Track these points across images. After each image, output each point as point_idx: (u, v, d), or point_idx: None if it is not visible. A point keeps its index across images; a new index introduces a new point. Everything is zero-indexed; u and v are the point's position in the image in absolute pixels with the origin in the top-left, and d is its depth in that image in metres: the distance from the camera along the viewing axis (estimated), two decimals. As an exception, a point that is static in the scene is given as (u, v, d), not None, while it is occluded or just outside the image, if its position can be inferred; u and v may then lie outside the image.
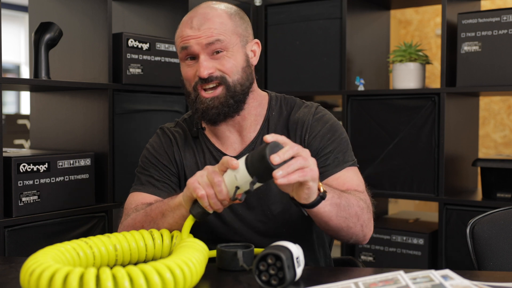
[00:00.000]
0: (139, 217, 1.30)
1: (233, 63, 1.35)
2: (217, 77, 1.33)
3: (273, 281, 1.00)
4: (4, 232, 1.69)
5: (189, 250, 1.03)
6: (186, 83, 1.39)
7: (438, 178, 2.29)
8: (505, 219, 1.43)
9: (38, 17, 2.13)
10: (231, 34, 1.35)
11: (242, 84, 1.36)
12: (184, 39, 1.34)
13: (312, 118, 1.41)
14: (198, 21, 1.34)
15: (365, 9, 2.66)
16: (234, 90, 1.35)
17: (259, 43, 1.44)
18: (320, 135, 1.39)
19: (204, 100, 1.34)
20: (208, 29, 1.32)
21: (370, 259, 2.49)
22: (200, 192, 1.11)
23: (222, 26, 1.34)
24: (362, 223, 1.28)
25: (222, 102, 1.34)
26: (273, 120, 1.43)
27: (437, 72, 4.14)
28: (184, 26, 1.36)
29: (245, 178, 1.09)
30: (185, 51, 1.34)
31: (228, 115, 1.36)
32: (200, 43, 1.32)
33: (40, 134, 2.17)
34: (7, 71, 7.11)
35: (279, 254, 1.00)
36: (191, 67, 1.35)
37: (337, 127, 1.42)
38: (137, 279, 0.88)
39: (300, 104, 1.46)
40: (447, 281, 0.93)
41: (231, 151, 1.41)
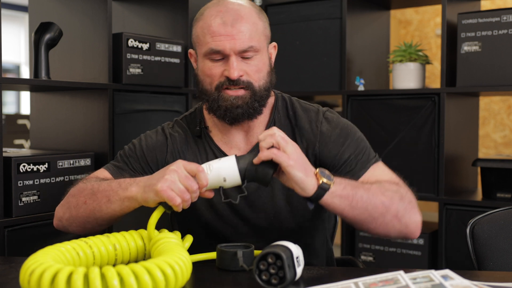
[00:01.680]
0: (85, 192, 1.26)
1: (261, 68, 1.32)
2: (243, 82, 1.29)
3: (274, 280, 1.00)
4: (4, 232, 1.68)
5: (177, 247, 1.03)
6: (205, 80, 1.32)
7: (438, 178, 2.29)
8: (505, 219, 1.43)
9: (38, 17, 2.13)
10: (261, 36, 1.32)
11: (266, 89, 1.33)
12: (216, 39, 1.27)
13: (320, 125, 1.36)
14: (230, 18, 1.28)
15: (365, 9, 2.66)
16: (260, 95, 1.32)
17: (276, 46, 1.41)
18: (332, 141, 1.34)
19: (227, 97, 1.29)
20: (242, 32, 1.27)
21: (370, 259, 2.49)
22: (177, 201, 1.09)
23: (255, 28, 1.30)
24: (396, 213, 1.21)
25: (247, 103, 1.30)
26: (279, 121, 1.40)
27: (437, 72, 4.14)
28: (214, 20, 1.28)
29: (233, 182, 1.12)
30: (214, 53, 1.28)
31: (252, 117, 1.33)
32: (234, 46, 1.27)
33: (40, 134, 2.17)
34: (7, 71, 7.11)
35: (280, 253, 1.00)
36: (217, 65, 1.30)
37: (348, 128, 1.38)
38: (141, 275, 0.89)
39: (305, 108, 1.42)
40: (447, 281, 0.93)
41: (235, 151, 1.38)
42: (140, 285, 0.89)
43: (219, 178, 1.14)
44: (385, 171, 1.35)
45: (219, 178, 1.14)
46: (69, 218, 1.29)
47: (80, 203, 1.26)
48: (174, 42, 2.19)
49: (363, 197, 1.18)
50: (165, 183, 1.10)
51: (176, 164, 1.13)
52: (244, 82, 1.29)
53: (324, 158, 1.35)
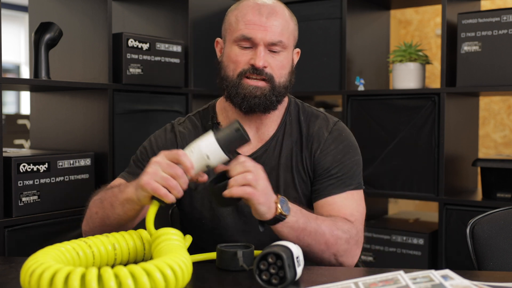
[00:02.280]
0: (96, 202, 1.31)
1: (285, 64, 1.36)
2: (266, 74, 1.33)
3: (274, 280, 1.00)
4: (4, 232, 1.69)
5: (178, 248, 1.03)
6: (229, 66, 1.36)
7: (438, 178, 2.29)
8: (505, 219, 1.43)
9: (38, 17, 2.13)
10: (290, 35, 1.37)
11: (285, 87, 1.38)
12: (249, 27, 1.32)
13: (328, 135, 1.40)
14: (266, 10, 1.34)
15: (365, 9, 2.66)
16: (279, 91, 1.36)
17: (299, 52, 1.46)
18: (332, 154, 1.38)
19: (247, 86, 1.33)
20: (275, 26, 1.33)
21: (370, 259, 2.49)
22: (161, 191, 1.10)
23: (286, 26, 1.36)
24: (335, 252, 1.26)
25: (265, 94, 1.34)
26: (290, 124, 1.43)
27: (437, 72, 4.14)
28: (251, 11, 1.34)
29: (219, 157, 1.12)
30: (245, 40, 1.33)
31: (267, 109, 1.36)
32: (264, 38, 1.32)
33: (40, 134, 2.17)
34: (7, 71, 7.11)
35: (280, 253, 1.00)
36: (244, 53, 1.34)
37: (351, 148, 1.41)
38: (140, 277, 0.88)
39: (316, 114, 1.45)
40: (447, 281, 0.93)
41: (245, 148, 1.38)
42: (138, 286, 0.89)
43: (203, 157, 1.13)
44: (354, 203, 1.37)
45: (202, 157, 1.13)
46: (89, 230, 1.33)
47: (93, 214, 1.31)
48: (174, 42, 2.19)
49: (311, 233, 1.22)
50: (147, 176, 1.11)
51: (158, 155, 1.14)
52: (267, 74, 1.33)
53: (318, 166, 1.38)
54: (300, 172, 1.38)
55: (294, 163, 1.39)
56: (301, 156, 1.39)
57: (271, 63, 1.34)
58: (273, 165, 1.39)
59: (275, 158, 1.39)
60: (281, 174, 1.38)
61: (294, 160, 1.39)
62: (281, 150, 1.40)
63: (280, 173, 1.38)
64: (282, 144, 1.41)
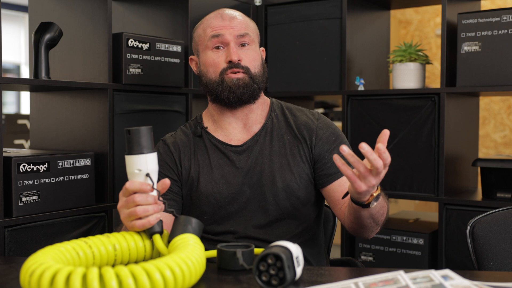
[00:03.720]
0: None
1: (255, 57, 1.51)
2: (242, 66, 1.48)
3: (274, 281, 1.00)
4: (4, 232, 1.69)
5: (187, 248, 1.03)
6: (209, 70, 1.50)
7: (438, 178, 2.29)
8: (505, 219, 1.43)
9: (38, 17, 2.13)
10: (253, 32, 1.54)
11: (260, 77, 1.52)
12: (216, 29, 1.49)
13: (317, 122, 1.53)
14: (228, 16, 1.51)
15: (365, 9, 2.66)
16: (257, 80, 1.50)
17: (264, 50, 1.61)
18: (325, 137, 1.51)
19: (230, 80, 1.47)
20: (238, 24, 1.50)
21: (370, 259, 2.49)
22: (138, 225, 1.13)
23: (248, 24, 1.53)
24: (382, 223, 1.39)
25: (247, 83, 1.48)
26: (276, 118, 1.55)
27: (437, 72, 4.14)
28: (214, 19, 1.52)
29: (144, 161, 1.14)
30: (216, 39, 1.48)
31: (251, 97, 1.50)
32: (232, 33, 1.48)
33: (40, 134, 2.17)
34: (7, 71, 7.11)
35: (279, 254, 1.00)
36: (219, 55, 1.49)
37: (339, 132, 1.55)
38: (140, 277, 0.88)
39: (300, 109, 1.59)
40: (447, 281, 0.93)
41: (235, 141, 1.52)
42: (138, 286, 0.89)
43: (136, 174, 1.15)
44: None
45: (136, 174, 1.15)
46: None
47: None
48: (174, 42, 2.19)
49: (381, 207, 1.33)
50: (127, 223, 1.16)
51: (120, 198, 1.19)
52: (243, 67, 1.48)
53: (318, 151, 1.50)
54: (295, 156, 1.49)
55: (288, 149, 1.50)
56: (295, 142, 1.50)
57: (243, 56, 1.48)
58: (266, 152, 1.49)
59: (267, 147, 1.50)
60: (275, 160, 1.48)
61: (287, 146, 1.50)
62: (272, 139, 1.51)
63: (273, 159, 1.48)
64: (272, 134, 1.52)
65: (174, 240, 1.10)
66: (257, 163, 1.48)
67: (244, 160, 1.49)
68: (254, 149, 1.50)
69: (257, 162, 1.48)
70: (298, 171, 1.48)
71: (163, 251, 1.13)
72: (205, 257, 1.07)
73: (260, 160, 1.48)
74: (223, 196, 1.47)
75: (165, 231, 1.20)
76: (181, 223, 1.15)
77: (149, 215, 1.14)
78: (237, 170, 1.48)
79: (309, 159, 1.49)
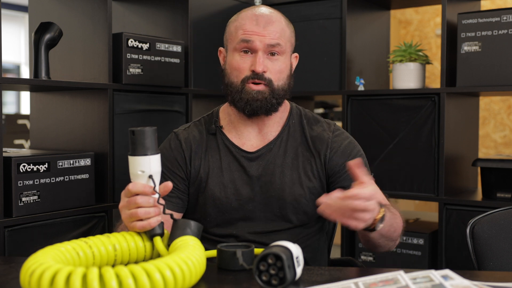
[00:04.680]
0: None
1: (283, 69, 1.45)
2: (265, 78, 1.42)
3: (274, 281, 1.00)
4: (4, 232, 1.69)
5: (187, 248, 1.03)
6: (233, 73, 1.45)
7: (438, 178, 2.29)
8: (505, 219, 1.43)
9: (38, 17, 2.13)
10: (287, 41, 1.46)
11: (284, 90, 1.46)
12: (248, 33, 1.42)
13: (332, 135, 1.49)
14: (263, 20, 1.43)
15: (365, 9, 2.66)
16: (278, 94, 1.44)
17: (297, 57, 1.56)
18: (341, 150, 1.47)
19: (250, 91, 1.42)
20: (272, 32, 1.42)
21: (370, 259, 2.49)
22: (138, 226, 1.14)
23: (283, 32, 1.45)
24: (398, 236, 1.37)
25: (266, 98, 1.42)
26: (293, 127, 1.51)
27: (437, 72, 4.14)
28: (249, 20, 1.44)
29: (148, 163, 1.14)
30: (245, 44, 1.42)
31: (269, 111, 1.45)
32: (263, 41, 1.41)
33: (40, 134, 2.17)
34: (7, 71, 7.11)
35: (280, 254, 1.00)
36: (245, 60, 1.43)
37: (355, 143, 1.51)
38: (140, 277, 0.88)
39: (318, 119, 1.54)
40: (447, 281, 0.93)
41: (248, 146, 1.48)
42: (138, 286, 0.89)
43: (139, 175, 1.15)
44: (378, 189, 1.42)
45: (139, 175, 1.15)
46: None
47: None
48: (174, 42, 2.19)
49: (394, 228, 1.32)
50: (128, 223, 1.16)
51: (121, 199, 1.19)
52: (265, 79, 1.42)
53: (332, 165, 1.46)
54: (307, 171, 1.45)
55: (301, 163, 1.46)
56: (308, 156, 1.47)
57: (270, 67, 1.43)
58: (278, 163, 1.46)
59: (280, 157, 1.46)
60: (287, 172, 1.45)
61: (300, 160, 1.46)
62: (286, 150, 1.47)
63: (285, 171, 1.45)
64: (286, 145, 1.48)
65: (175, 242, 1.10)
66: (268, 173, 1.45)
67: (255, 168, 1.46)
68: (266, 157, 1.46)
69: (268, 172, 1.45)
70: (309, 187, 1.44)
71: (163, 253, 1.12)
72: (205, 257, 1.07)
73: (271, 170, 1.45)
74: (230, 201, 1.44)
75: (166, 231, 1.20)
76: (180, 227, 1.15)
77: (150, 217, 1.14)
78: (247, 177, 1.45)
79: (322, 174, 1.46)
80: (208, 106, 2.44)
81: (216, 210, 1.45)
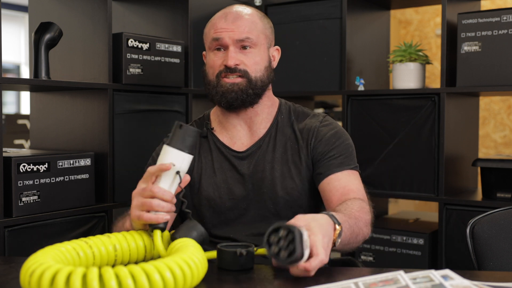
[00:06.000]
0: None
1: (258, 61, 1.47)
2: (240, 70, 1.45)
3: (283, 253, 1.01)
4: (4, 232, 1.69)
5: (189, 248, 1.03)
6: (209, 71, 1.50)
7: (438, 178, 2.29)
8: (505, 219, 1.43)
9: (38, 17, 2.12)
10: (259, 34, 1.49)
11: (262, 81, 1.48)
12: (217, 31, 1.46)
13: (319, 124, 1.50)
14: (232, 16, 1.47)
15: (365, 9, 2.66)
16: (255, 84, 1.46)
17: (279, 49, 1.58)
18: (326, 139, 1.47)
19: (224, 84, 1.45)
20: (241, 26, 1.46)
21: (370, 259, 2.49)
22: (146, 217, 1.13)
23: (253, 25, 1.48)
24: (364, 235, 1.32)
25: (242, 89, 1.44)
26: (282, 122, 1.52)
27: (437, 72, 4.14)
28: (218, 19, 1.48)
29: (181, 159, 1.14)
30: (216, 42, 1.46)
31: (245, 103, 1.46)
32: (231, 37, 1.45)
33: (40, 134, 2.17)
34: (7, 71, 7.11)
35: (292, 228, 1.01)
36: (218, 57, 1.47)
37: (342, 133, 1.51)
38: (139, 277, 0.88)
39: (307, 113, 1.55)
40: (447, 281, 0.93)
41: (239, 145, 1.50)
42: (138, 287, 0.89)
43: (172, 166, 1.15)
44: (356, 180, 1.45)
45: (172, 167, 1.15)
46: None
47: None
48: (174, 42, 2.19)
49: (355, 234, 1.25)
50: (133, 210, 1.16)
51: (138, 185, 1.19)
52: (240, 71, 1.45)
53: (315, 153, 1.47)
54: (297, 164, 1.47)
55: (290, 156, 1.47)
56: (297, 149, 1.48)
57: (244, 60, 1.45)
58: (268, 159, 1.48)
59: (269, 153, 1.48)
60: (277, 167, 1.46)
61: (289, 153, 1.48)
62: (275, 145, 1.49)
63: (275, 166, 1.46)
64: (275, 140, 1.50)
65: (174, 242, 1.10)
66: (259, 170, 1.47)
67: (246, 166, 1.48)
68: (256, 155, 1.49)
69: (259, 169, 1.47)
70: (301, 179, 1.46)
71: (158, 248, 1.12)
72: (206, 260, 1.07)
73: (262, 167, 1.47)
74: (223, 201, 1.46)
75: (166, 232, 1.20)
76: (190, 227, 1.15)
77: (161, 211, 1.13)
78: (239, 176, 1.47)
79: (309, 164, 1.47)
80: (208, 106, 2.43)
81: (211, 211, 1.47)
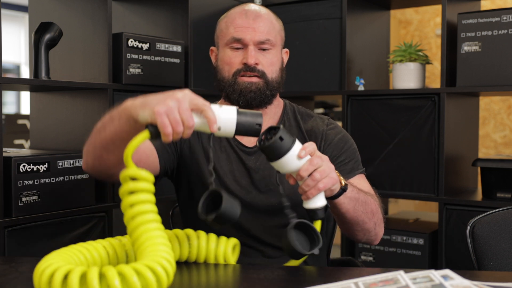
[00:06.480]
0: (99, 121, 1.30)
1: (274, 61, 1.48)
2: (258, 70, 1.45)
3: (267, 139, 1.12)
4: (4, 232, 1.69)
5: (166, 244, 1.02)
6: (224, 68, 1.48)
7: (438, 178, 2.29)
8: (505, 219, 1.43)
9: (38, 17, 2.12)
10: (277, 35, 1.49)
11: (277, 82, 1.49)
12: (238, 28, 1.45)
13: (326, 128, 1.52)
14: (252, 14, 1.46)
15: (365, 9, 2.66)
16: (272, 86, 1.47)
17: (288, 52, 1.58)
18: (334, 143, 1.49)
19: (242, 82, 1.44)
20: (262, 26, 1.45)
21: (370, 259, 2.49)
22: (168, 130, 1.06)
23: (272, 26, 1.48)
24: (376, 221, 1.36)
25: (260, 89, 1.45)
26: (288, 121, 1.53)
27: (437, 72, 4.14)
28: (238, 15, 1.47)
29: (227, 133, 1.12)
30: (236, 39, 1.45)
31: (262, 103, 1.47)
32: (253, 37, 1.44)
33: (40, 134, 2.17)
34: (7, 71, 7.11)
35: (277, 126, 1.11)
36: (236, 54, 1.46)
37: (348, 137, 1.53)
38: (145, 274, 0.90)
39: (310, 114, 1.57)
40: (447, 281, 0.93)
41: (246, 140, 1.50)
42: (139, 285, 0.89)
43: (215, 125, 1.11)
44: (366, 183, 1.50)
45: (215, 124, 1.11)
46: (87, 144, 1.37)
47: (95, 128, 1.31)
48: (174, 42, 2.19)
49: (363, 201, 1.32)
50: (164, 107, 1.07)
51: (183, 92, 1.11)
52: (259, 71, 1.45)
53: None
54: None
55: None
56: None
57: (262, 60, 1.45)
58: None
59: None
60: None
61: None
62: None
63: None
64: None
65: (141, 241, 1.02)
66: (266, 167, 1.46)
67: (253, 162, 1.47)
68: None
69: (266, 166, 1.45)
70: None
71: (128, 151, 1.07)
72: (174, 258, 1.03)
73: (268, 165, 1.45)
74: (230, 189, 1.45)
75: None
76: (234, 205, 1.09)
77: (174, 136, 1.07)
78: (245, 169, 1.47)
79: None
80: (208, 106, 2.44)
81: None
